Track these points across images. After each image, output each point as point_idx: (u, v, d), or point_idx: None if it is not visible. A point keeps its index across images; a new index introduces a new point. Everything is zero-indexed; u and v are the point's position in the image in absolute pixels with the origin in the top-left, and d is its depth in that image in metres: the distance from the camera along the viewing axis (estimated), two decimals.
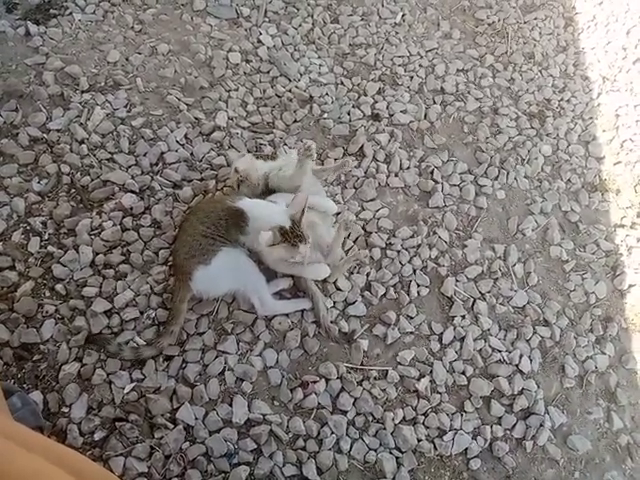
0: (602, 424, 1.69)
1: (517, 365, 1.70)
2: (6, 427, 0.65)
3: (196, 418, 1.46)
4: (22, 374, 1.47)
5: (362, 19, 2.51)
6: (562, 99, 2.43)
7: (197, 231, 1.58)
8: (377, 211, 1.91)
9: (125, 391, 1.47)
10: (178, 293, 1.56)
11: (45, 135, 1.84)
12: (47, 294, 1.58)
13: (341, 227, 1.69)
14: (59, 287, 1.59)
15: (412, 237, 1.88)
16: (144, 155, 1.87)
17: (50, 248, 1.64)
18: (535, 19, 2.73)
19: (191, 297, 1.59)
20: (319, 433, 1.50)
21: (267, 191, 1.76)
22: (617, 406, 1.72)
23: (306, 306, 1.66)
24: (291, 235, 1.50)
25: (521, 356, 1.72)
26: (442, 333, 1.72)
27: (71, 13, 2.18)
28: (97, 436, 1.41)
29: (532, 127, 2.29)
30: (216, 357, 1.56)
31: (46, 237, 1.67)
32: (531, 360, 1.73)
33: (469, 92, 2.34)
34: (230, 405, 1.50)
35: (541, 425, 1.62)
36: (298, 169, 1.70)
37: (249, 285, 1.60)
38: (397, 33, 2.49)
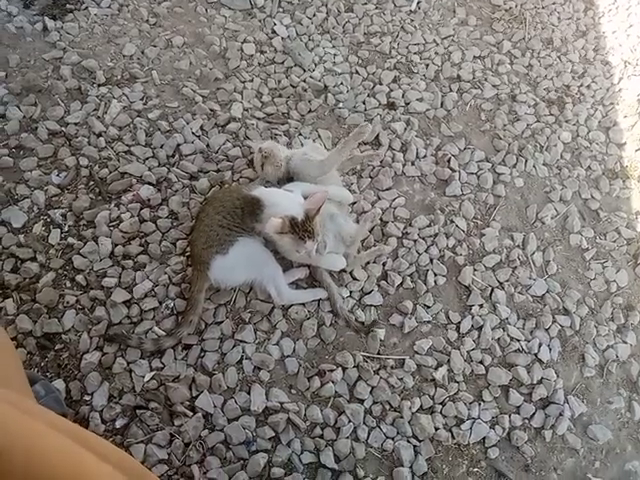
0: (623, 414, 1.67)
1: (536, 354, 1.69)
2: (34, 409, 0.67)
3: (215, 406, 1.48)
4: (45, 363, 1.50)
5: (377, 7, 2.48)
6: (582, 85, 2.39)
7: (214, 221, 1.59)
8: (393, 200, 1.90)
9: (145, 379, 1.49)
10: (196, 283, 1.57)
11: (63, 129, 1.86)
12: (68, 285, 1.61)
13: (367, 220, 1.69)
14: (79, 278, 1.61)
15: (429, 226, 1.86)
16: (161, 147, 1.88)
17: (70, 240, 1.67)
18: (554, 3, 2.68)
19: (209, 287, 1.60)
20: (336, 421, 1.51)
21: (287, 178, 1.76)
22: (639, 396, 1.69)
23: (322, 295, 1.67)
24: (301, 228, 1.48)
25: (540, 345, 1.70)
26: (460, 322, 1.71)
27: (87, 8, 2.20)
28: (118, 423, 1.43)
29: (551, 114, 2.25)
30: (234, 346, 1.57)
31: (66, 229, 1.70)
32: (550, 349, 1.71)
33: (486, 79, 2.30)
34: (248, 393, 1.51)
35: (560, 414, 1.60)
36: (335, 153, 1.71)
37: (266, 275, 1.61)
38: (412, 21, 2.46)
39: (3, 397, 0.49)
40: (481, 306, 1.74)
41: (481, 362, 1.65)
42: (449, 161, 2.02)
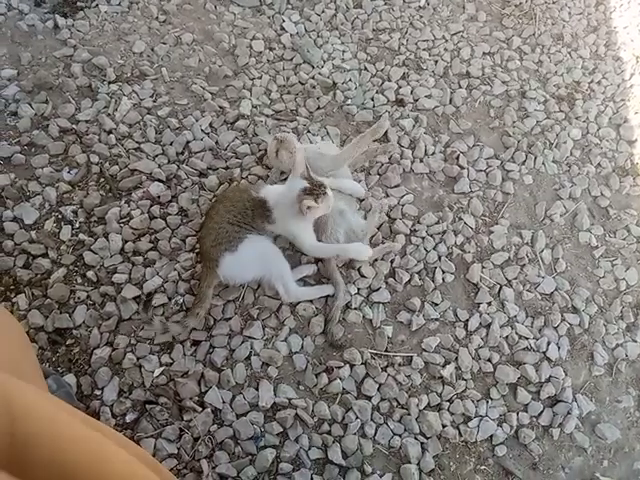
0: (632, 413, 1.66)
1: (544, 352, 1.68)
2: (53, 400, 0.69)
3: (223, 401, 1.50)
4: (56, 358, 1.52)
5: (385, 3, 2.47)
6: (592, 81, 2.36)
7: (224, 219, 1.60)
8: (401, 197, 1.90)
9: (154, 375, 1.51)
10: (205, 279, 1.59)
11: (74, 126, 1.88)
12: (79, 281, 1.63)
13: (375, 211, 1.71)
14: (90, 274, 1.63)
15: (437, 223, 1.86)
16: (170, 144, 1.90)
17: (81, 236, 1.69)
18: None
19: (218, 283, 1.62)
20: (344, 418, 1.52)
21: None
22: None
23: (329, 292, 1.67)
24: (315, 188, 1.55)
25: (549, 343, 1.70)
26: (468, 320, 1.71)
27: (97, 5, 2.21)
28: (128, 418, 1.45)
29: (561, 110, 2.24)
30: (242, 342, 1.59)
31: (77, 225, 1.72)
32: (559, 347, 1.70)
33: (495, 75, 2.29)
34: (256, 389, 1.52)
35: (568, 413, 1.60)
36: (351, 148, 1.78)
37: (274, 272, 1.62)
38: (421, 17, 2.45)
39: (29, 386, 0.50)
40: (489, 304, 1.74)
41: (489, 360, 1.65)
42: (458, 158, 2.01)
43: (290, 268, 1.64)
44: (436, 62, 2.29)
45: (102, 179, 1.80)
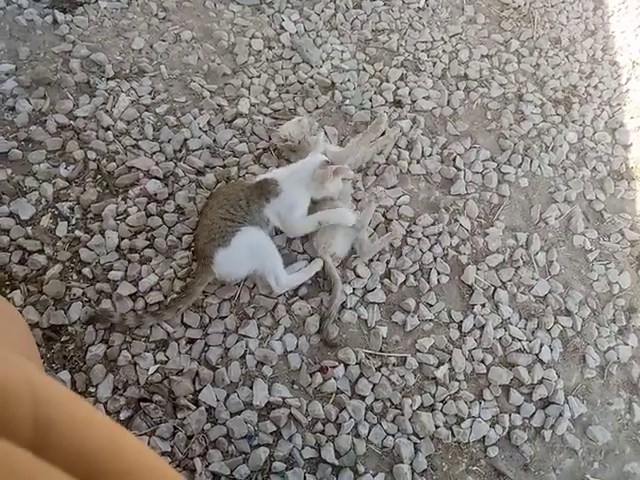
0: (623, 415, 1.68)
1: (537, 354, 1.70)
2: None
3: (218, 400, 1.50)
4: (51, 354, 1.52)
5: (385, 4, 2.48)
6: (589, 85, 2.38)
7: (216, 215, 1.62)
8: (398, 198, 1.91)
9: (149, 372, 1.51)
10: (199, 276, 1.59)
11: (72, 122, 1.87)
12: (74, 277, 1.63)
13: (371, 201, 1.76)
14: (86, 271, 1.63)
15: (433, 225, 1.87)
16: (168, 142, 1.90)
17: (77, 232, 1.69)
18: (563, 2, 2.66)
19: (212, 281, 1.62)
20: (338, 417, 1.52)
21: None
22: (639, 397, 1.70)
23: (318, 267, 1.68)
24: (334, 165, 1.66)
25: (541, 345, 1.71)
26: (462, 321, 1.72)
27: (97, 1, 2.20)
28: (122, 415, 1.45)
29: (557, 114, 2.25)
30: (237, 341, 1.59)
31: (73, 222, 1.71)
32: (552, 350, 1.71)
33: (493, 78, 2.30)
34: (251, 388, 1.53)
35: (560, 415, 1.61)
36: (354, 144, 1.85)
37: (267, 263, 1.62)
38: (420, 18, 2.46)
39: (45, 374, 0.51)
40: (483, 305, 1.75)
41: (482, 361, 1.67)
42: (454, 160, 2.02)
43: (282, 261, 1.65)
44: (434, 64, 2.30)
45: (99, 176, 1.80)
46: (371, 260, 1.77)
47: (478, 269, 1.81)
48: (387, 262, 1.78)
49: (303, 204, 1.70)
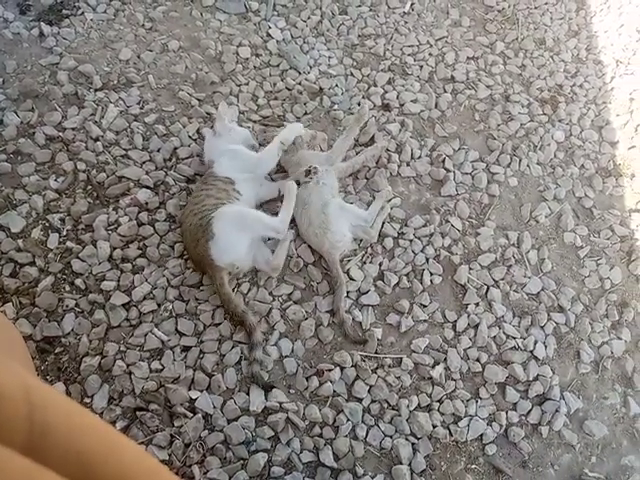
0: (619, 409, 1.69)
1: (532, 351, 1.70)
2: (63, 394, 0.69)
3: (214, 407, 1.50)
4: (45, 366, 1.51)
5: (370, 9, 2.50)
6: (574, 84, 2.41)
7: (190, 218, 1.64)
8: (389, 201, 1.92)
9: (144, 381, 1.50)
10: (215, 279, 1.60)
11: (61, 134, 1.87)
12: (67, 289, 1.62)
13: (382, 195, 1.87)
14: (78, 282, 1.62)
15: (425, 226, 1.88)
16: (157, 151, 1.90)
17: (69, 244, 1.68)
18: (546, 4, 2.70)
19: (230, 278, 1.64)
20: (335, 420, 1.52)
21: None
22: (634, 391, 1.71)
23: (293, 189, 1.73)
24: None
25: (536, 342, 1.72)
26: (456, 321, 1.72)
27: (83, 13, 2.21)
28: (119, 425, 1.44)
29: (544, 113, 2.28)
30: (232, 347, 1.59)
31: (64, 233, 1.71)
32: (546, 346, 1.72)
33: (480, 80, 2.33)
34: (247, 394, 1.53)
35: (557, 411, 1.62)
36: (341, 142, 1.90)
37: (255, 225, 1.66)
38: (406, 22, 2.48)
39: (42, 382, 0.51)
40: (477, 304, 1.76)
41: (477, 360, 1.67)
42: (444, 161, 2.03)
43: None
44: (421, 67, 2.32)
45: (89, 186, 1.80)
46: (364, 262, 1.78)
47: (470, 269, 1.82)
48: (380, 264, 1.78)
49: (235, 147, 1.80)
